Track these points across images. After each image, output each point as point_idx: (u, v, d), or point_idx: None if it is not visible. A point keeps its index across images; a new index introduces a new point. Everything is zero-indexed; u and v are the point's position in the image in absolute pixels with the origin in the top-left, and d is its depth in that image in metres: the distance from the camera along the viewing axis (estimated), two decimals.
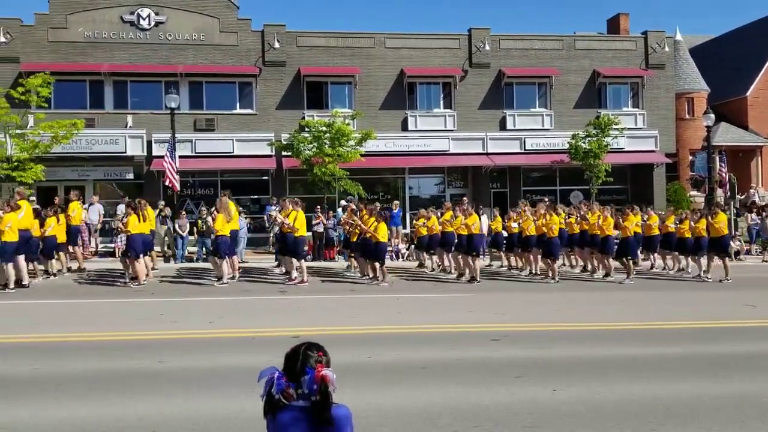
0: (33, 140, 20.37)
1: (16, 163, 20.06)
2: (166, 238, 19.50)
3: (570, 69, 27.43)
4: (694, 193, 29.64)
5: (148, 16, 24.51)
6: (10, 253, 12.86)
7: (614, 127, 24.65)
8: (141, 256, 13.95)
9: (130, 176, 24.08)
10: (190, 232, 19.74)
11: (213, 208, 15.49)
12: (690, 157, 30.24)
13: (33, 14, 24.28)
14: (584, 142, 24.52)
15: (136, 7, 24.44)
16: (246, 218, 19.85)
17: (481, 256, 15.64)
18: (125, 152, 23.51)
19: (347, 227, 16.31)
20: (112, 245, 19.53)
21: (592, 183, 24.90)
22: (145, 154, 23.83)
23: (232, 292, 13.08)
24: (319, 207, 20.20)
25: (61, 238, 15.29)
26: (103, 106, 24.47)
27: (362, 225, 14.80)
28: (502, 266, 17.94)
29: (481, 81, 26.83)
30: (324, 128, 21.66)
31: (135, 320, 10.11)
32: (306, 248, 15.16)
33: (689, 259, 16.61)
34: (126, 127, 24.02)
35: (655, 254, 17.77)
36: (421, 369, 7.09)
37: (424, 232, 16.70)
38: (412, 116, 26.36)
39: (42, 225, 14.61)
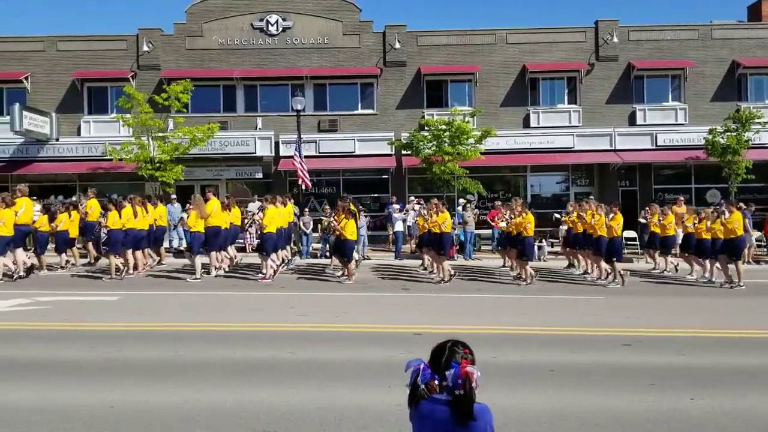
0: (173, 143, 21.89)
1: (158, 164, 21.65)
2: (293, 235, 20.29)
3: (706, 60, 25.68)
4: None
5: (276, 22, 25.57)
6: (2, 246, 14.00)
7: (756, 121, 22.80)
8: (118, 250, 14.54)
9: (259, 176, 25.21)
10: (314, 230, 20.44)
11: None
12: None
13: (172, 24, 26.04)
14: (722, 138, 22.84)
15: (265, 14, 25.57)
16: (366, 216, 20.23)
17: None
18: (255, 153, 24.63)
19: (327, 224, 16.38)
20: (242, 241, 20.62)
21: (731, 181, 23.16)
22: (273, 154, 24.86)
23: (355, 289, 13.38)
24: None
25: (73, 233, 16.38)
26: (235, 109, 25.81)
27: (334, 222, 14.84)
28: (504, 265, 17.29)
29: (608, 75, 25.73)
30: (444, 126, 21.63)
31: (267, 312, 10.57)
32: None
33: (708, 262, 15.18)
34: (256, 129, 25.19)
35: (668, 257, 16.63)
36: (548, 372, 6.91)
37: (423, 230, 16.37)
38: (535, 113, 25.74)
39: (51, 220, 15.86)
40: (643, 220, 19.55)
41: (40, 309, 10.54)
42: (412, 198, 22.22)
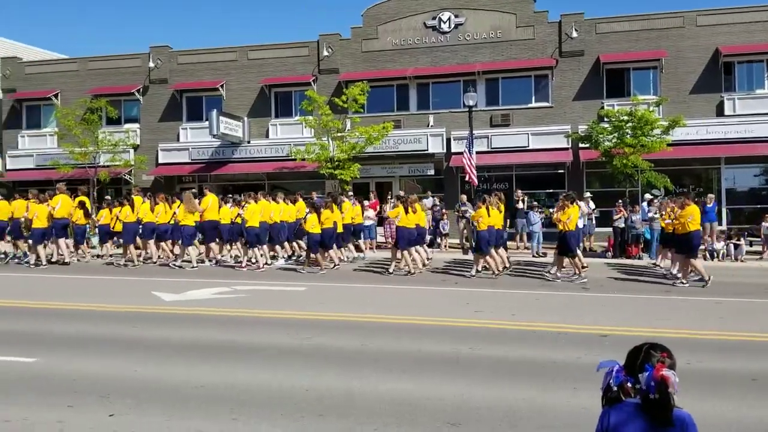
0: (350, 142, 22.88)
1: (337, 163, 22.72)
2: (465, 231, 20.34)
3: None
4: None
5: (449, 19, 25.72)
6: (37, 236, 16.48)
7: None
8: (131, 241, 16.63)
9: (431, 172, 25.55)
10: None
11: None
12: None
13: (349, 28, 27.16)
14: None
15: (437, 12, 25.82)
16: (541, 213, 19.77)
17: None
18: (427, 150, 25.01)
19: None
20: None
21: None
22: (444, 151, 25.07)
23: (530, 287, 13.09)
24: (620, 201, 19.16)
25: (117, 226, 17.45)
26: (408, 107, 26.36)
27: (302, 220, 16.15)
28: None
29: None
30: (625, 117, 20.44)
31: (444, 307, 10.68)
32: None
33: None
34: (428, 126, 25.55)
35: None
36: (751, 381, 6.29)
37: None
38: (729, 99, 23.51)
39: (87, 216, 17.96)
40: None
41: (239, 297, 11.52)
42: (588, 194, 21.32)
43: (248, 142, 27.07)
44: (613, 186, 22.02)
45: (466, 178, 21.27)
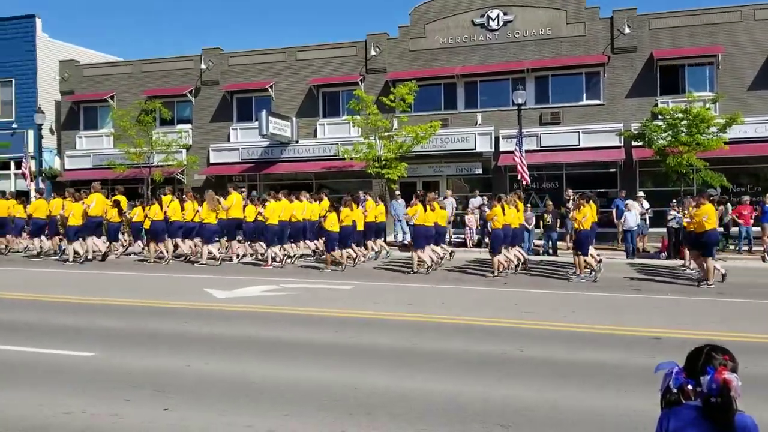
0: (398, 141, 22.88)
1: (384, 162, 22.76)
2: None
3: None
4: None
5: (497, 16, 25.44)
6: (72, 234, 17.07)
7: None
8: (162, 239, 17.09)
9: (479, 171, 25.31)
10: (536, 226, 20.01)
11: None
12: None
13: (397, 27, 27.13)
14: None
15: (486, 10, 25.57)
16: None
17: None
18: (474, 149, 24.79)
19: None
20: (462, 236, 21.03)
21: None
22: (493, 150, 24.80)
23: (583, 288, 12.87)
24: (674, 201, 18.65)
25: (147, 224, 17.60)
26: (455, 106, 26.18)
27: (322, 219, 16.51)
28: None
29: None
30: (680, 115, 19.88)
31: (493, 307, 10.60)
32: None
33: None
34: (476, 125, 25.33)
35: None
36: None
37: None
38: None
39: (120, 213, 18.26)
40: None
41: (287, 295, 11.66)
42: (641, 193, 20.83)
43: (296, 142, 27.34)
44: (667, 185, 21.46)
45: (518, 177, 21.04)
